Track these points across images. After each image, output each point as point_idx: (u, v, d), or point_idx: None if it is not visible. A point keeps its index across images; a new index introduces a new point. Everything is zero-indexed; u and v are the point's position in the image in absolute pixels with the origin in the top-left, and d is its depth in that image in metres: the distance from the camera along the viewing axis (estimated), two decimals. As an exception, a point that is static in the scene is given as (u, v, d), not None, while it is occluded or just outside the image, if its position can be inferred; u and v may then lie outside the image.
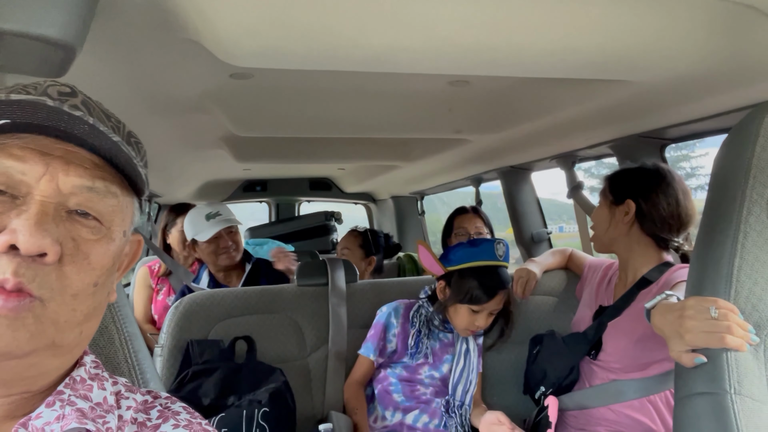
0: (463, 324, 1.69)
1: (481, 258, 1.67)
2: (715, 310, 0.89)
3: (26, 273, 0.51)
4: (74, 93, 0.60)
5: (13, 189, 0.53)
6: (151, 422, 0.63)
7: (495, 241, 1.71)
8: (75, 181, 0.55)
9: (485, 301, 1.64)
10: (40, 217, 0.52)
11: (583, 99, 1.55)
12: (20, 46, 0.84)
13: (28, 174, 0.53)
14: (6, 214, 0.52)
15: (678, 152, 13.06)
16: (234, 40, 1.03)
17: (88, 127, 0.54)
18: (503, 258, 1.70)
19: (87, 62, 1.17)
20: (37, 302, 0.52)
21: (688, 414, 0.90)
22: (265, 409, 1.42)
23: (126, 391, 0.65)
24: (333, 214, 4.17)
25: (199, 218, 2.26)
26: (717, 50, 1.12)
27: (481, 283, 1.64)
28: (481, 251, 1.68)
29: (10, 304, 0.50)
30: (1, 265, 0.50)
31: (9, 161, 0.53)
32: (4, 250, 0.51)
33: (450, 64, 1.18)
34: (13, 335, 0.51)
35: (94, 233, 0.57)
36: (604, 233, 1.67)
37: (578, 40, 1.05)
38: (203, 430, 0.64)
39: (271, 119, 1.88)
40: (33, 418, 0.55)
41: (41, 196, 0.54)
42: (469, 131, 2.08)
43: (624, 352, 1.54)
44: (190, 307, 1.70)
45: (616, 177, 1.67)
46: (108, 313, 0.79)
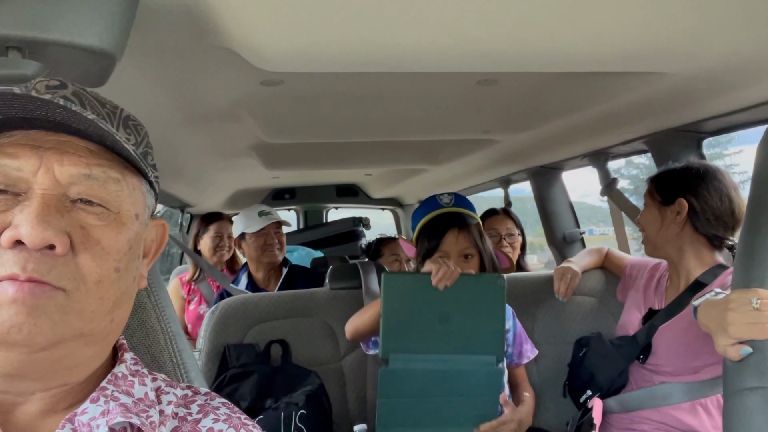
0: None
1: (426, 212, 1.63)
2: (756, 300, 0.88)
3: (37, 267, 0.51)
4: (64, 85, 0.60)
5: (12, 187, 0.53)
6: (192, 416, 0.64)
7: (436, 195, 1.66)
8: (70, 170, 0.55)
9: (435, 244, 1.56)
10: (42, 209, 0.52)
11: (615, 93, 1.53)
12: (64, 55, 0.87)
13: (24, 169, 0.53)
14: (9, 212, 0.52)
15: (711, 150, 12.64)
16: (266, 46, 1.05)
17: (63, 111, 0.52)
18: (453, 204, 1.64)
19: (124, 72, 1.21)
20: (59, 292, 0.52)
21: (738, 410, 0.88)
22: (302, 411, 1.42)
23: (166, 386, 0.66)
24: (361, 220, 4.19)
25: (252, 214, 2.47)
26: (752, 39, 1.10)
27: (429, 231, 1.59)
28: (424, 206, 1.65)
29: (27, 290, 0.50)
30: (8, 261, 0.51)
31: (3, 160, 0.53)
32: (10, 246, 0.51)
33: (480, 61, 1.17)
34: (35, 323, 0.51)
35: (102, 219, 0.56)
36: (656, 235, 1.62)
37: (610, 32, 1.04)
38: (242, 424, 0.64)
39: (301, 125, 1.90)
40: (78, 414, 0.56)
41: (41, 189, 0.53)
42: (497, 131, 2.07)
43: (676, 356, 1.51)
44: (226, 312, 1.72)
45: (662, 177, 1.63)
46: (153, 313, 0.81)
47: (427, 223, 1.62)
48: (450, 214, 1.62)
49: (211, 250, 2.82)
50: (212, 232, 2.86)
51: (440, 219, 1.60)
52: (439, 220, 1.60)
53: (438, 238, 1.56)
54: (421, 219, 1.64)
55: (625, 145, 2.01)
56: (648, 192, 1.66)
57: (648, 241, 1.66)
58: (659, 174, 1.64)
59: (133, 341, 0.79)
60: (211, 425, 0.63)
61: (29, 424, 0.56)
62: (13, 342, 0.50)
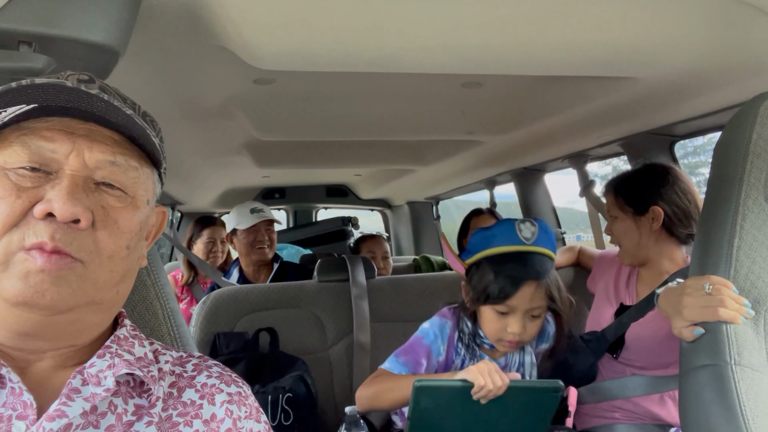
0: (492, 332, 1.34)
1: (499, 243, 1.32)
2: (709, 286, 0.95)
3: (63, 238, 0.58)
4: (92, 80, 0.67)
5: (45, 166, 0.61)
6: (187, 374, 0.71)
7: (517, 220, 1.35)
8: (98, 156, 0.62)
9: (506, 296, 1.28)
10: (72, 188, 0.60)
11: (592, 97, 1.60)
12: (71, 50, 0.92)
13: (58, 152, 0.61)
14: (42, 188, 0.60)
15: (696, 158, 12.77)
16: (261, 44, 1.11)
17: (104, 104, 0.61)
18: (534, 241, 1.33)
19: (123, 69, 1.26)
20: (78, 264, 0.60)
21: (691, 386, 0.96)
22: (288, 394, 1.49)
23: (163, 349, 0.74)
24: (350, 219, 4.25)
25: (244, 210, 2.50)
26: (718, 45, 1.18)
27: (498, 272, 1.29)
28: (497, 234, 1.33)
29: (53, 261, 0.58)
30: (39, 230, 0.58)
31: (40, 142, 0.61)
32: (42, 217, 0.58)
33: (463, 63, 1.24)
34: (57, 290, 0.58)
35: (120, 201, 0.64)
36: (636, 246, 1.61)
37: (585, 37, 1.11)
38: (233, 380, 0.72)
39: (292, 123, 1.96)
40: (87, 367, 0.63)
41: (71, 170, 0.61)
42: (481, 132, 2.15)
43: (648, 352, 1.55)
44: (217, 302, 1.78)
45: (627, 186, 1.62)
46: (153, 290, 0.87)
47: (498, 259, 1.32)
48: (531, 258, 1.31)
49: (205, 255, 2.86)
50: (206, 237, 2.89)
51: (518, 261, 1.30)
52: (516, 262, 1.30)
53: (510, 289, 1.28)
54: (488, 246, 1.34)
55: (602, 147, 2.09)
56: (616, 205, 1.65)
57: (627, 253, 1.66)
58: (622, 184, 1.64)
59: (134, 315, 0.85)
60: (205, 381, 0.70)
61: (43, 377, 0.63)
62: (35, 305, 0.58)
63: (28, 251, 0.58)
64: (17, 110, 0.60)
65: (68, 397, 0.60)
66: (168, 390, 0.68)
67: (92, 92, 0.60)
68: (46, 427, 0.57)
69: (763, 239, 0.97)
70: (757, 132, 1.01)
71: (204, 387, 0.70)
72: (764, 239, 0.97)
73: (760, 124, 1.01)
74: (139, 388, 0.66)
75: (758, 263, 0.96)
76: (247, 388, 0.74)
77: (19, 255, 0.58)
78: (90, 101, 0.60)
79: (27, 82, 0.59)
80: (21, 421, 0.57)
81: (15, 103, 0.60)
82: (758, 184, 0.99)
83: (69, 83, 0.60)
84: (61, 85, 0.59)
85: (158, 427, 0.64)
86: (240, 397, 0.71)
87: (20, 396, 0.58)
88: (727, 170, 1.03)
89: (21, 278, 0.57)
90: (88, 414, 0.60)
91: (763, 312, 0.95)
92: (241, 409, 0.70)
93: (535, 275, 1.29)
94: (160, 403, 0.66)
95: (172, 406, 0.67)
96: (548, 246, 1.35)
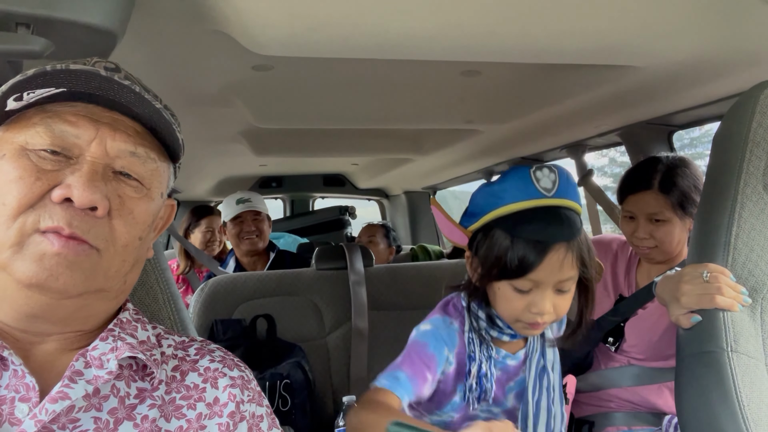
0: (511, 313, 1.05)
1: (512, 198, 1.01)
2: (706, 273, 0.96)
3: (80, 225, 0.59)
4: (118, 69, 0.67)
5: (67, 151, 0.61)
6: (190, 357, 0.72)
7: (532, 167, 1.03)
8: (120, 145, 0.63)
9: (529, 267, 0.98)
10: (92, 175, 0.60)
11: (591, 86, 1.60)
12: (69, 32, 0.91)
13: (81, 138, 0.61)
14: (61, 171, 0.60)
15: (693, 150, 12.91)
16: (260, 29, 1.11)
17: (134, 96, 0.61)
18: (557, 191, 1.01)
19: (121, 53, 1.25)
20: (94, 251, 0.60)
21: (687, 373, 0.96)
22: (286, 381, 1.49)
23: (165, 333, 0.74)
24: (347, 209, 4.25)
25: (231, 202, 2.51)
26: (719, 34, 1.18)
27: (516, 237, 0.99)
28: (509, 187, 1.02)
29: (71, 246, 0.58)
30: (56, 214, 0.58)
31: (64, 126, 0.61)
32: (59, 202, 0.59)
33: (463, 50, 1.24)
34: (71, 275, 0.59)
35: (137, 192, 0.65)
36: (676, 248, 1.51)
37: (585, 25, 1.11)
38: (236, 364, 0.73)
39: (290, 110, 1.95)
40: (90, 350, 0.63)
41: (92, 157, 0.61)
42: (480, 121, 2.14)
43: (649, 345, 1.53)
44: (215, 289, 1.78)
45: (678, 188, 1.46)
46: (153, 275, 0.87)
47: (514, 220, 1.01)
48: (557, 215, 1.01)
49: (203, 245, 2.85)
50: (203, 227, 2.88)
51: (541, 220, 0.99)
52: (539, 221, 0.99)
53: (533, 258, 0.98)
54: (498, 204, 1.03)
55: (600, 137, 2.09)
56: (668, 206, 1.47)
57: (663, 253, 1.51)
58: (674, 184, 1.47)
59: (134, 300, 0.85)
60: (208, 365, 0.70)
61: (47, 359, 0.63)
62: (47, 288, 0.58)
63: (43, 234, 0.58)
64: (45, 92, 0.60)
65: (71, 380, 0.60)
66: (171, 373, 0.68)
67: (124, 83, 0.60)
68: (49, 409, 0.57)
69: (761, 228, 0.98)
70: (757, 121, 1.01)
71: (207, 371, 0.70)
72: (762, 228, 0.98)
73: (759, 113, 1.01)
74: (141, 372, 0.66)
75: (756, 251, 0.97)
76: (249, 373, 0.74)
77: (34, 237, 0.58)
78: (121, 91, 0.61)
79: (62, 66, 0.59)
80: (24, 403, 0.58)
81: (44, 86, 0.60)
82: (757, 173, 0.99)
83: (103, 72, 0.60)
84: (95, 72, 0.60)
85: (161, 409, 0.65)
86: (243, 381, 0.71)
87: (23, 378, 0.59)
88: (727, 159, 1.03)
89: (36, 260, 0.57)
90: (90, 397, 0.61)
91: (760, 300, 0.96)
92: (244, 393, 0.70)
93: (564, 236, 0.99)
94: (162, 386, 0.66)
95: (175, 389, 0.67)
96: (573, 197, 1.04)
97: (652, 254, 1.53)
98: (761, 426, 0.86)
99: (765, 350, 0.93)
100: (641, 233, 1.51)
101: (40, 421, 0.56)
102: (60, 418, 0.58)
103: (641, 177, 1.53)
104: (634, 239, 1.55)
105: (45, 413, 0.57)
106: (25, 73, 0.59)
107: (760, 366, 0.91)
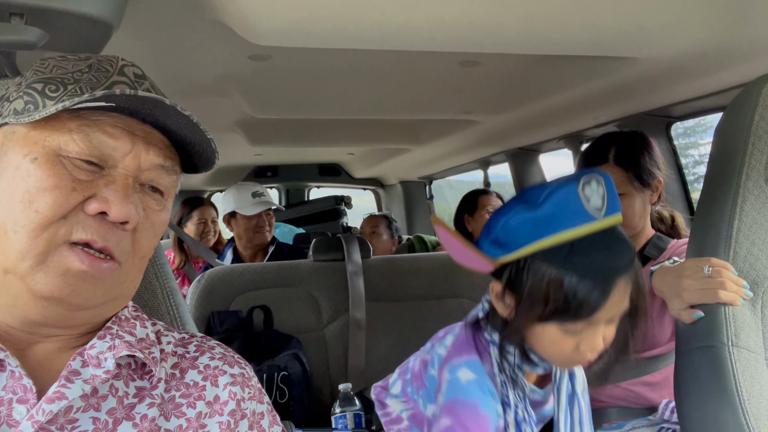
0: (560, 354, 0.93)
1: (563, 225, 0.86)
2: (708, 268, 0.95)
3: (111, 239, 0.59)
4: (144, 76, 0.67)
5: (102, 161, 0.60)
6: (190, 354, 0.71)
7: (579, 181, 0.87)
8: (153, 159, 0.63)
9: (595, 306, 0.86)
10: (126, 189, 0.60)
11: (590, 77, 1.59)
12: (64, 22, 0.90)
13: (118, 150, 0.61)
14: (95, 182, 0.59)
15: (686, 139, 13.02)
16: (257, 19, 1.09)
17: (186, 122, 0.62)
18: (607, 209, 0.88)
19: (117, 42, 1.23)
20: (116, 265, 0.60)
21: (688, 367, 0.97)
22: (284, 373, 1.49)
23: (165, 330, 0.73)
24: (343, 198, 4.24)
25: (245, 194, 2.46)
26: (719, 26, 1.17)
27: (576, 274, 0.85)
28: (558, 213, 0.86)
29: (96, 265, 0.58)
30: (90, 227, 0.58)
31: (103, 137, 0.60)
32: (93, 214, 0.58)
33: (461, 41, 1.22)
34: (93, 291, 0.59)
35: (158, 204, 0.65)
36: (637, 222, 1.47)
37: (586, 16, 1.10)
38: (236, 361, 0.72)
39: (287, 100, 1.93)
40: (87, 348, 0.62)
41: (125, 170, 0.61)
42: (478, 112, 2.13)
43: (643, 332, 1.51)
44: (212, 281, 1.77)
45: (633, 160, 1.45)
46: (151, 269, 0.86)
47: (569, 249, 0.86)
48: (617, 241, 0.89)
49: (197, 236, 2.82)
50: (196, 218, 2.86)
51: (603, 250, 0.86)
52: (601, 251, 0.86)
53: (599, 297, 0.85)
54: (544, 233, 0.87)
55: (598, 128, 2.09)
56: (625, 180, 1.46)
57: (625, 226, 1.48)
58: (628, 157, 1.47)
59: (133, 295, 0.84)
60: (208, 362, 0.70)
61: (44, 358, 0.62)
62: (68, 302, 0.58)
63: (71, 246, 0.57)
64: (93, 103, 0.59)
65: (67, 379, 0.59)
66: (170, 371, 0.68)
67: (185, 112, 0.61)
68: (46, 410, 0.56)
69: (763, 221, 0.97)
70: (759, 113, 1.00)
71: (207, 368, 0.69)
72: (764, 221, 0.97)
73: (762, 105, 1.00)
74: (140, 370, 0.66)
75: (757, 245, 0.97)
76: (250, 369, 0.74)
77: (62, 249, 0.57)
78: (166, 113, 0.61)
79: (131, 92, 0.58)
80: (21, 405, 0.57)
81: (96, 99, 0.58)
82: (759, 166, 0.99)
83: (167, 101, 0.60)
84: (161, 102, 0.59)
85: (160, 408, 0.64)
86: (243, 378, 0.71)
87: (20, 380, 0.58)
88: (728, 152, 1.02)
89: (60, 274, 0.57)
90: (88, 396, 0.60)
91: (761, 293, 0.96)
92: (245, 391, 0.70)
93: (627, 266, 0.87)
94: (162, 385, 0.65)
95: (175, 387, 0.66)
96: (619, 208, 0.91)
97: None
98: (761, 421, 0.86)
99: (765, 344, 0.93)
100: None
101: (37, 422, 0.56)
102: (58, 418, 0.57)
103: (597, 152, 1.52)
104: None
105: (42, 414, 0.56)
106: (93, 94, 0.57)
107: (760, 360, 0.91)
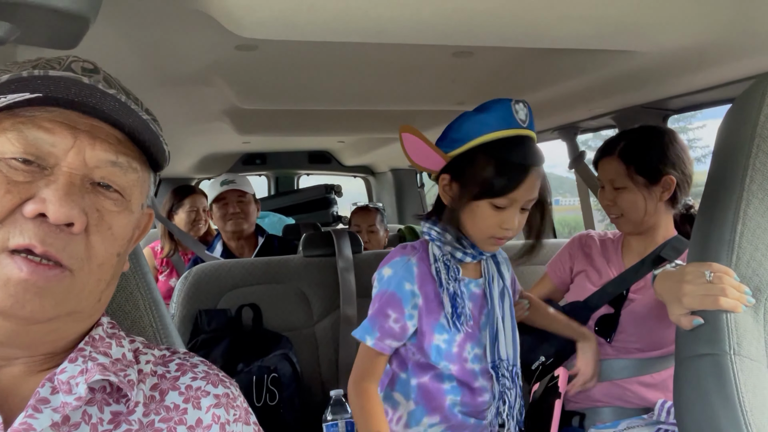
0: (485, 230, 1.19)
1: (496, 127, 1.17)
2: (710, 273, 0.92)
3: (54, 242, 0.53)
4: (97, 70, 0.61)
5: (41, 160, 0.55)
6: (171, 374, 0.67)
7: (511, 101, 1.20)
8: (101, 155, 0.57)
9: (513, 186, 1.14)
10: (69, 188, 0.54)
11: (586, 70, 1.56)
12: (35, 17, 0.84)
13: (57, 146, 0.55)
14: (35, 183, 0.54)
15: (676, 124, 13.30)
16: (242, 11, 1.04)
17: (119, 105, 0.56)
18: (527, 125, 1.20)
19: (96, 33, 1.18)
20: (67, 273, 0.55)
21: (688, 375, 0.94)
22: (274, 374, 1.46)
23: (144, 347, 0.69)
24: (333, 187, 4.19)
25: (216, 184, 2.48)
26: (719, 20, 1.13)
27: (503, 161, 1.14)
28: (493, 118, 1.18)
29: (40, 272, 0.53)
30: (28, 231, 0.53)
31: (39, 133, 0.55)
32: (32, 217, 0.53)
33: (455, 34, 1.18)
34: (40, 302, 0.53)
35: (117, 205, 0.59)
36: (643, 218, 1.48)
37: (582, 10, 1.06)
38: (220, 380, 0.68)
39: (275, 91, 1.88)
40: (58, 373, 0.58)
41: (68, 167, 0.56)
42: (471, 103, 2.08)
43: (646, 333, 1.49)
44: (199, 278, 1.73)
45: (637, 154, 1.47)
46: (133, 281, 0.82)
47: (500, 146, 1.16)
48: (532, 143, 1.20)
49: (188, 225, 2.79)
50: (187, 206, 2.82)
51: (521, 147, 1.17)
52: (520, 148, 1.17)
53: (518, 178, 1.14)
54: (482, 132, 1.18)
55: (594, 120, 2.05)
56: (625, 174, 1.49)
57: (629, 222, 1.52)
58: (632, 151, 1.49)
59: (113, 306, 0.80)
60: (190, 383, 0.66)
61: (12, 383, 0.58)
62: (12, 315, 0.53)
63: (11, 254, 0.52)
64: (18, 97, 0.54)
65: (35, 409, 0.55)
66: (149, 393, 0.64)
67: (109, 91, 0.55)
68: None
69: (767, 226, 0.95)
70: (764, 113, 0.97)
71: (189, 389, 0.65)
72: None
73: (767, 105, 0.97)
74: (116, 394, 0.61)
75: (761, 250, 0.94)
76: (236, 388, 0.70)
77: (1, 257, 0.52)
78: (104, 99, 0.55)
79: (40, 73, 0.53)
80: None
81: (18, 91, 0.54)
82: (764, 169, 0.96)
83: (85, 79, 0.54)
84: (77, 80, 0.54)
85: None
86: (228, 399, 0.67)
87: None
88: (732, 153, 0.99)
89: (0, 286, 0.52)
90: (59, 425, 0.56)
91: (764, 300, 0.93)
92: (230, 413, 0.66)
93: (539, 161, 1.18)
94: (140, 408, 0.62)
95: (154, 410, 0.63)
96: (534, 127, 1.24)
97: (620, 224, 1.55)
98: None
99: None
100: (604, 199, 1.57)
101: None
102: None
103: (610, 143, 1.56)
104: (603, 207, 1.59)
105: None
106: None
107: (762, 369, 0.89)
